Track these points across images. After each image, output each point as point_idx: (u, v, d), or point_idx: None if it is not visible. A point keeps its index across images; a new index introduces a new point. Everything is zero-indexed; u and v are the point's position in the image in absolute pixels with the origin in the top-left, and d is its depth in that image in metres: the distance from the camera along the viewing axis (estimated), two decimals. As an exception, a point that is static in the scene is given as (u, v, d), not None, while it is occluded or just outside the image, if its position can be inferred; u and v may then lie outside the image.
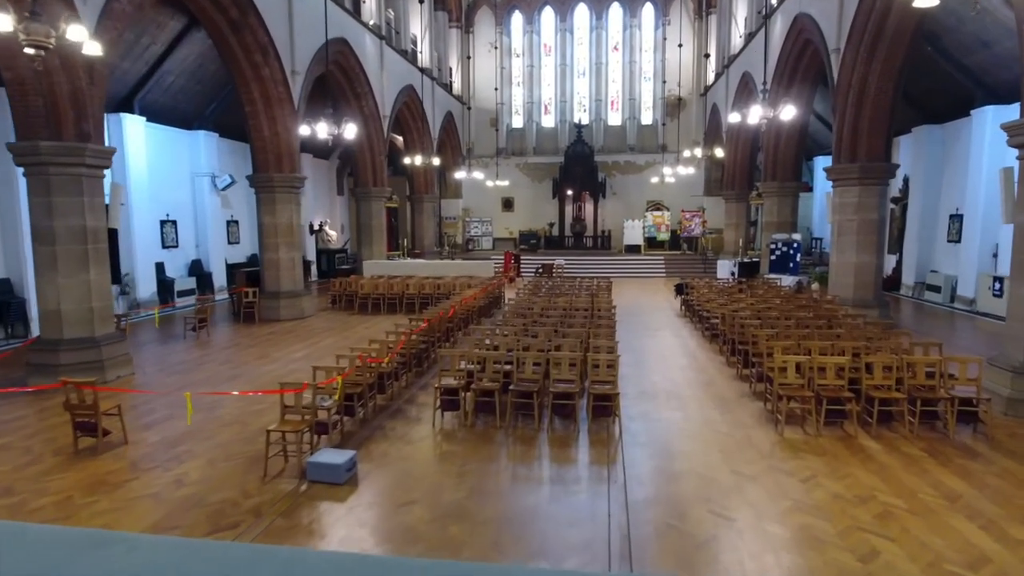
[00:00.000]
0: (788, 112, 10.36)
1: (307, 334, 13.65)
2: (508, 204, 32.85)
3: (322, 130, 12.25)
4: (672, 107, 31.14)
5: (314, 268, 25.79)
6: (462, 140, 32.26)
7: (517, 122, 33.24)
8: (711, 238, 28.52)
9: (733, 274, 19.67)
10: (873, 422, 6.93)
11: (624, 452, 6.56)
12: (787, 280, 17.60)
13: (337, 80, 18.82)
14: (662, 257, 27.57)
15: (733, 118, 11.42)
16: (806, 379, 7.19)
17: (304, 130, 12.68)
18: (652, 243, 30.01)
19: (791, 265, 18.58)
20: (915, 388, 7.13)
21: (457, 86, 32.16)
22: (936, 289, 17.82)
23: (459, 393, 7.48)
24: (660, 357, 11.09)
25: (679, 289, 16.55)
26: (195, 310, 13.68)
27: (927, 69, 15.78)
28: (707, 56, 24.52)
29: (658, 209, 30.39)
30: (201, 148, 19.09)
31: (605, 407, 7.21)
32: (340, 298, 17.28)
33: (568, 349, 8.21)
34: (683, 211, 29.40)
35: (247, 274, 16.11)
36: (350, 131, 12.66)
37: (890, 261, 19.80)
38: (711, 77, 29.13)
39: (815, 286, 15.56)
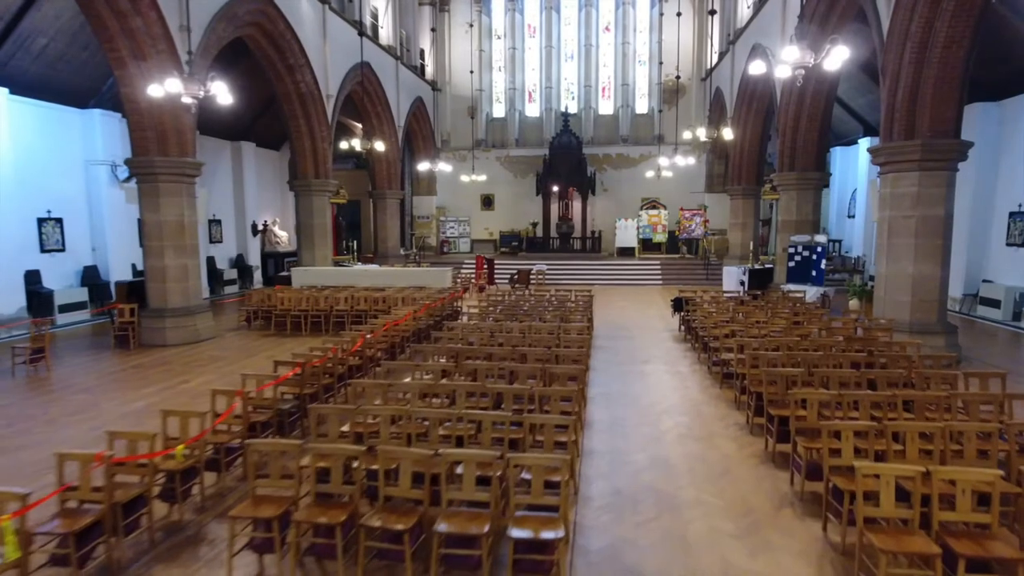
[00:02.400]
0: (837, 56, 6.94)
1: (183, 367, 10.27)
2: (488, 202, 29.52)
3: (173, 86, 8.82)
4: (670, 93, 27.82)
5: (258, 274, 22.47)
6: (436, 130, 28.92)
7: (498, 111, 29.88)
8: (714, 240, 25.18)
9: (743, 283, 16.33)
10: (1055, 604, 3.56)
11: None
12: (811, 293, 14.26)
13: (260, 46, 15.44)
14: (658, 262, 24.22)
15: (755, 68, 8.10)
16: (915, 510, 3.83)
17: (155, 90, 9.24)
18: (647, 245, 26.67)
19: (814, 273, 15.23)
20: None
21: (430, 70, 28.82)
22: (994, 304, 14.48)
23: (282, 521, 4.11)
24: (648, 412, 7.72)
25: (677, 305, 13.21)
26: (30, 337, 10.27)
27: (984, 31, 12.44)
28: (712, 13, 21.13)
29: (654, 207, 27.03)
30: (97, 130, 15.72)
31: (538, 562, 3.84)
32: (257, 315, 13.90)
33: (489, 435, 4.85)
34: (682, 209, 26.06)
35: (129, 286, 12.73)
36: (223, 94, 9.27)
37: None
38: (713, 59, 25.86)
39: (853, 303, 12.20)
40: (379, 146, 16.32)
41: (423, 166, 24.13)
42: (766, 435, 6.37)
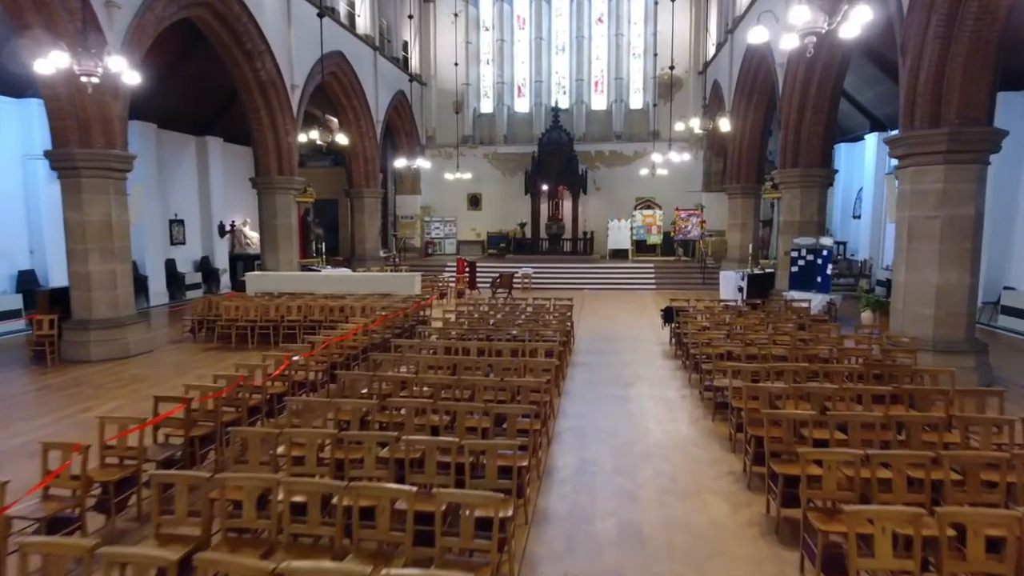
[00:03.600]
0: (857, 20, 5.57)
1: (96, 390, 8.91)
2: (475, 201, 28.19)
3: (60, 60, 7.43)
4: (665, 88, 26.43)
5: (226, 277, 21.10)
6: (420, 126, 27.59)
7: (486, 106, 28.53)
8: (711, 241, 23.83)
9: (741, 290, 14.99)
10: None
11: None
12: (816, 301, 12.92)
13: (212, 29, 14.08)
14: (652, 265, 22.87)
15: (755, 36, 6.73)
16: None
17: (42, 66, 7.86)
18: (641, 247, 25.32)
19: (819, 279, 13.87)
20: None
21: (414, 62, 27.48)
22: (1017, 313, 13.14)
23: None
24: (625, 454, 6.37)
25: (668, 315, 11.85)
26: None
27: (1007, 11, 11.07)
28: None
29: (648, 207, 25.67)
30: (36, 122, 14.29)
31: None
32: (201, 325, 12.54)
33: (386, 519, 3.50)
34: (677, 209, 24.69)
35: (51, 294, 11.39)
36: (128, 72, 7.91)
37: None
38: (711, 52, 24.56)
39: (866, 315, 10.83)
40: (341, 139, 14.96)
41: (406, 164, 22.72)
42: (768, 495, 5.02)
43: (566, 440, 6.72)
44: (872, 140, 20.18)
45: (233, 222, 21.41)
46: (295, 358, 7.28)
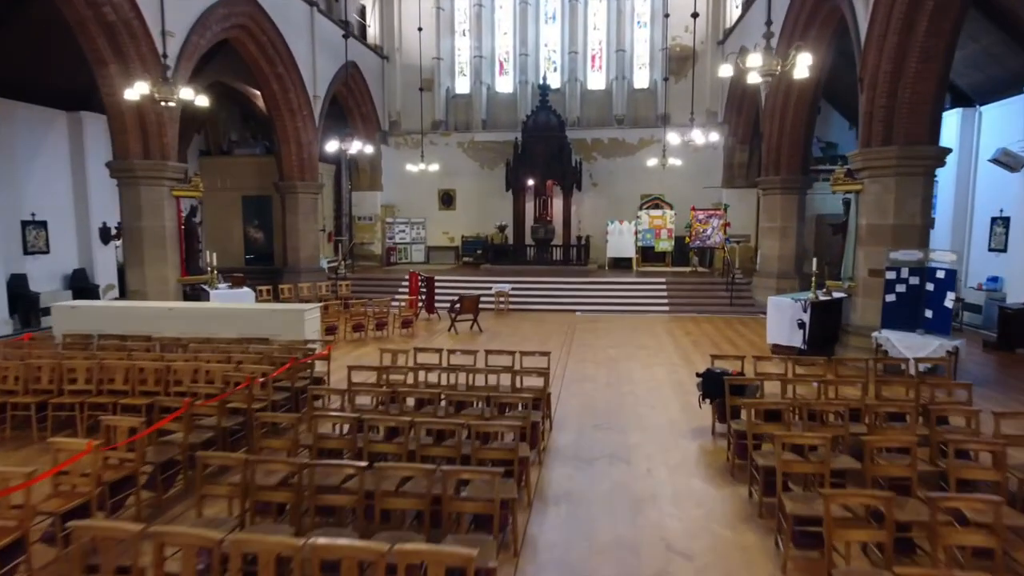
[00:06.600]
0: None
1: None
2: (447, 199, 23.42)
3: None
4: (677, 62, 21.70)
5: (114, 294, 16.27)
6: (382, 109, 22.84)
7: (461, 85, 23.75)
8: (736, 248, 19.04)
9: (803, 326, 10.19)
10: None
11: None
12: (932, 349, 8.14)
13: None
14: (663, 279, 18.05)
15: None
16: None
17: None
18: (648, 255, 20.57)
19: (929, 315, 9.07)
20: None
21: (375, 32, 22.74)
22: None
23: None
24: None
25: (710, 385, 6.97)
26: None
27: None
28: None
29: (657, 207, 20.81)
30: None
31: None
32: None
33: None
34: (693, 209, 19.87)
35: None
36: None
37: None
38: (734, 15, 19.89)
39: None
40: (194, 98, 10.11)
41: (340, 148, 17.84)
42: None
43: None
44: (953, 118, 15.37)
45: (120, 223, 16.54)
46: None
